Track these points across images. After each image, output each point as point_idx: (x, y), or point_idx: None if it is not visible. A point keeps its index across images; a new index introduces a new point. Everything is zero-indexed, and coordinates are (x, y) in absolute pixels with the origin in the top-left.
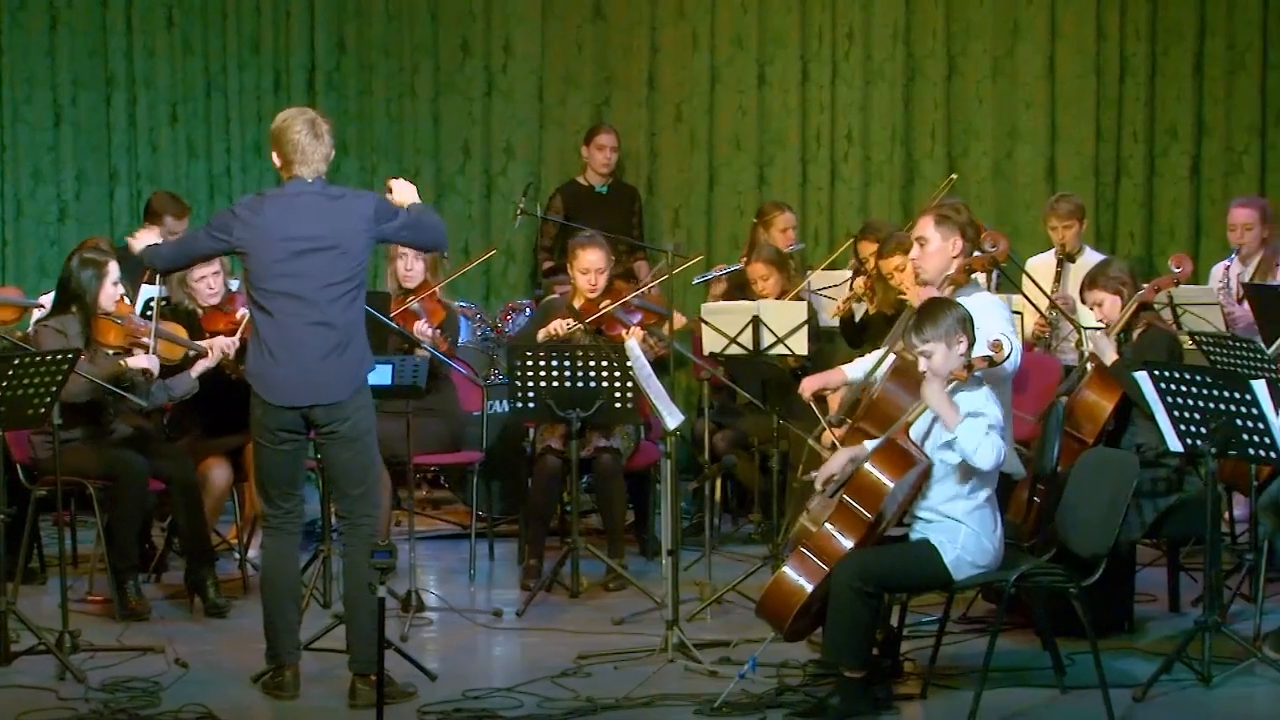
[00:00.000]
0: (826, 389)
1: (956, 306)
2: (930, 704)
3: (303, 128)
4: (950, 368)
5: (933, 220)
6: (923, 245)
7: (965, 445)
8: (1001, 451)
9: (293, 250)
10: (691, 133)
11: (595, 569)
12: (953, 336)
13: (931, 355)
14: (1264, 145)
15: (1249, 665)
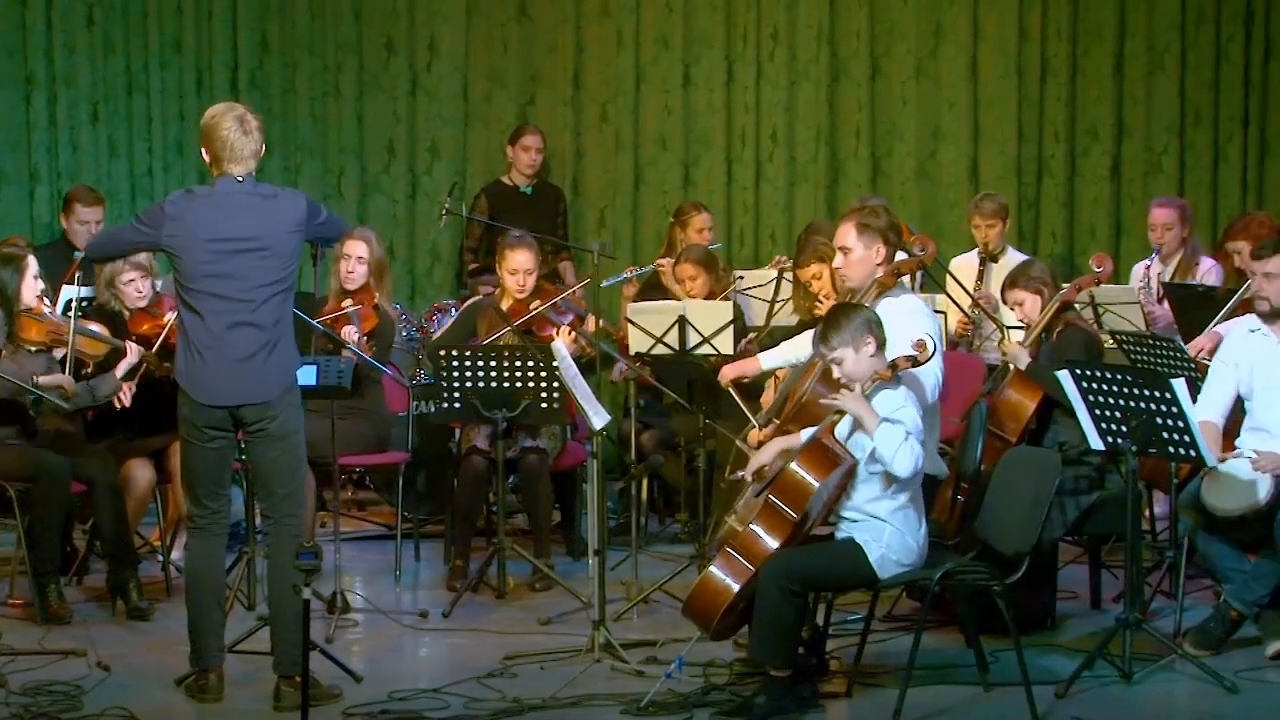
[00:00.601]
0: (744, 376)
1: (860, 310)
2: (855, 702)
3: (232, 124)
4: (862, 371)
5: (854, 229)
6: (846, 254)
7: (883, 452)
8: (919, 459)
9: (223, 250)
10: (617, 132)
11: (521, 569)
12: (859, 340)
13: (842, 362)
14: (1183, 145)
15: (1169, 662)
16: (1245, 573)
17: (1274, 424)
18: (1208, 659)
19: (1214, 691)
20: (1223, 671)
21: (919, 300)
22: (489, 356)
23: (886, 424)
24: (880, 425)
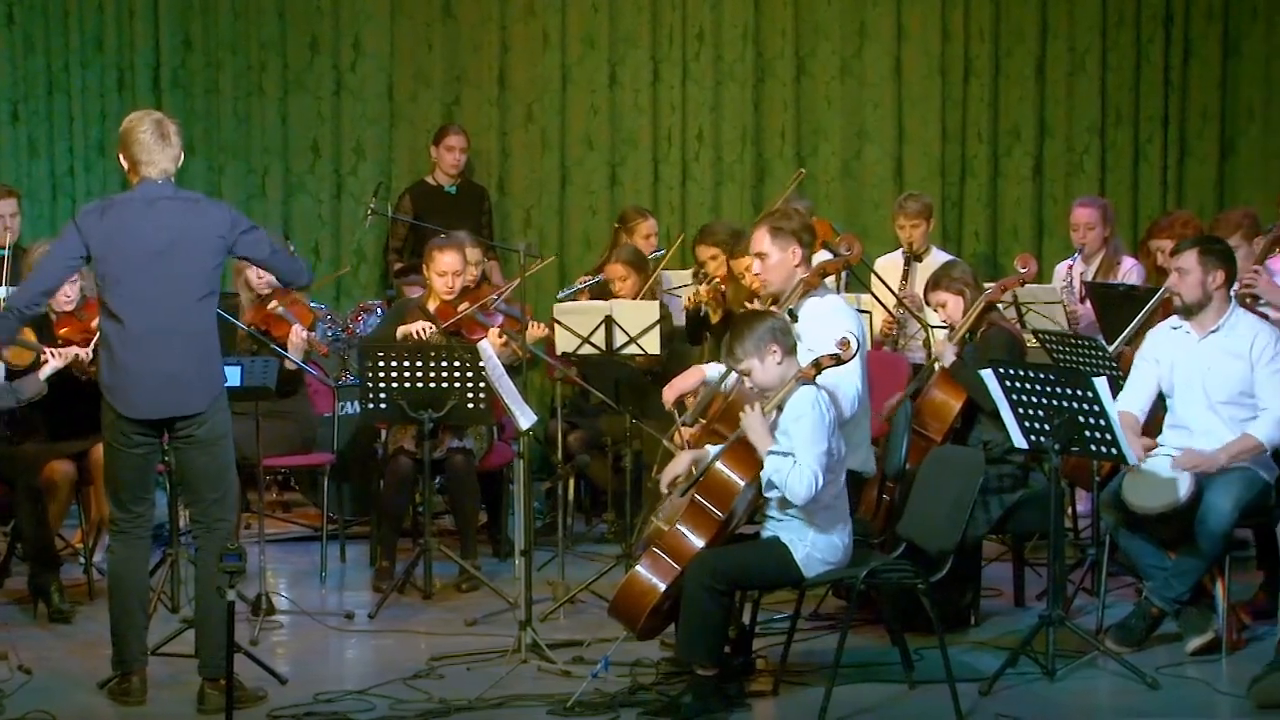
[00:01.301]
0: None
1: (764, 318)
2: (782, 700)
3: (149, 128)
4: (772, 379)
5: (768, 234)
6: (763, 260)
7: (776, 481)
8: (813, 484)
9: (145, 257)
10: (543, 132)
11: (448, 570)
12: (763, 349)
13: (750, 372)
14: (1104, 145)
15: (1091, 658)
16: (1166, 570)
17: (1194, 421)
18: (1129, 655)
19: (1135, 688)
20: (1144, 668)
21: (841, 300)
22: (415, 357)
23: (773, 456)
24: (768, 459)
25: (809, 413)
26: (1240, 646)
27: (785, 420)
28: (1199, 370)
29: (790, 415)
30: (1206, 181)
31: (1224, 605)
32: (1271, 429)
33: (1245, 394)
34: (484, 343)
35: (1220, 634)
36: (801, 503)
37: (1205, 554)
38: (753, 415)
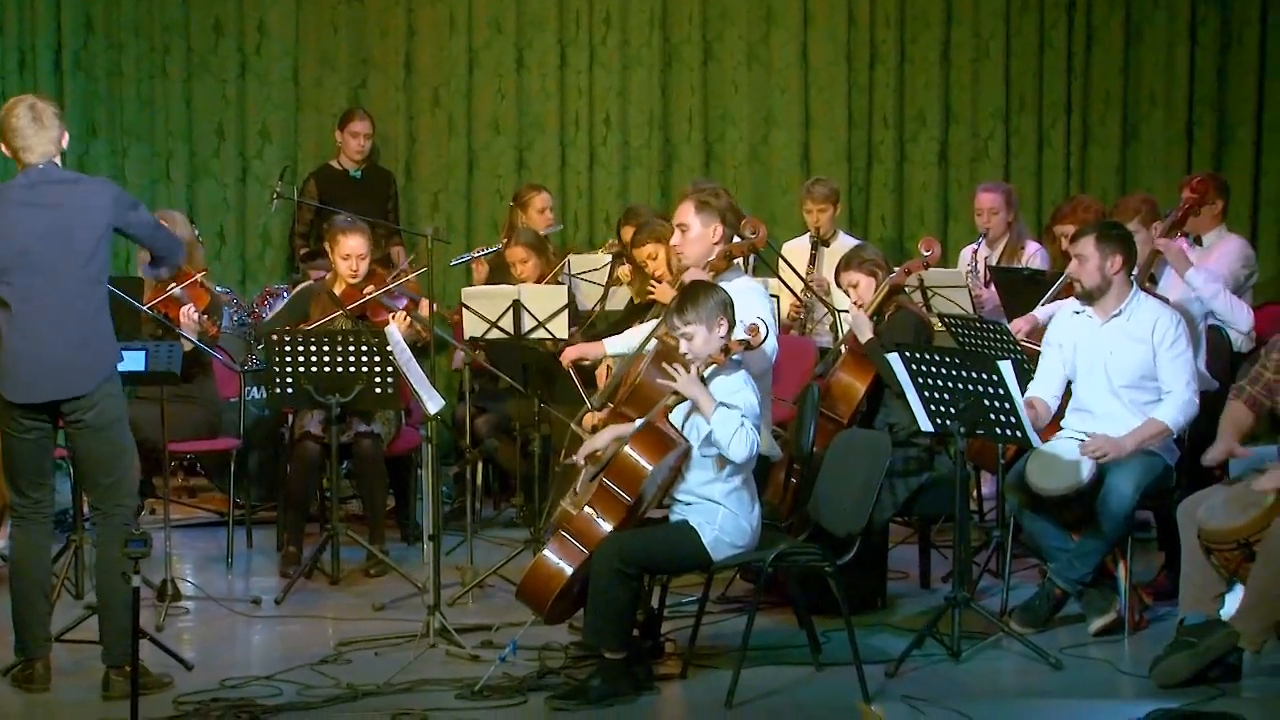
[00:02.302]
0: (585, 358)
1: (719, 290)
2: (690, 683)
3: (23, 114)
4: (709, 351)
5: (693, 207)
6: (684, 231)
7: (719, 436)
8: (755, 444)
9: (30, 241)
10: (450, 116)
11: (356, 555)
12: (714, 320)
13: (692, 338)
14: (1008, 131)
15: (996, 639)
16: (1069, 551)
17: (1096, 404)
18: (1033, 636)
19: (1039, 668)
20: (1048, 648)
21: (754, 282)
22: (322, 341)
23: (723, 408)
24: (717, 409)
25: (744, 388)
26: (1142, 627)
27: (719, 395)
28: (1101, 354)
29: (725, 392)
30: (1109, 167)
31: (1126, 586)
32: (1176, 412)
33: (1147, 378)
34: (391, 327)
35: (1122, 615)
36: (741, 460)
37: (1107, 536)
38: (689, 376)
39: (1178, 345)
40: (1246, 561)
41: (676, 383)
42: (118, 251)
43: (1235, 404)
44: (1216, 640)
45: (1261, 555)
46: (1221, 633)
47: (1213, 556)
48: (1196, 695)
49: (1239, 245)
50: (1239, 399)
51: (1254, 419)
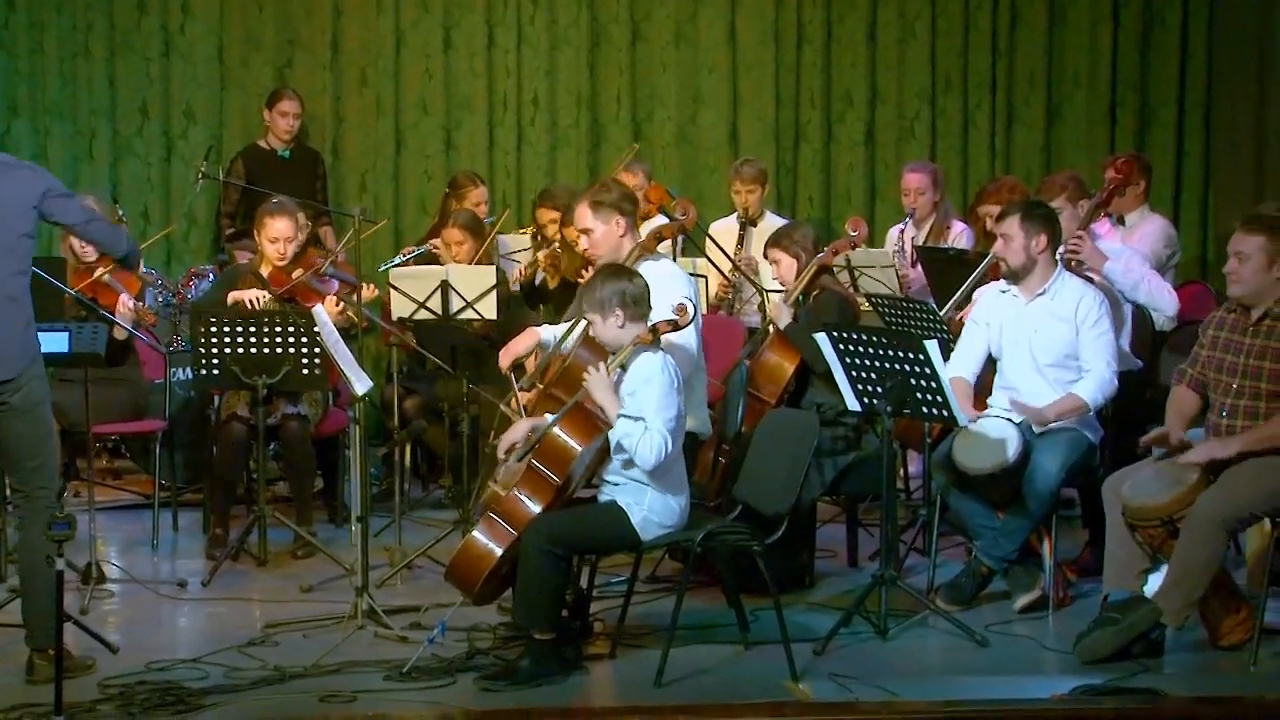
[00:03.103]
0: (521, 357)
1: (621, 280)
2: (619, 663)
3: None
4: (610, 338)
5: (589, 210)
6: (589, 235)
7: (626, 446)
8: (661, 449)
9: None
10: (377, 96)
11: (283, 537)
12: (607, 309)
13: (591, 324)
14: (934, 112)
15: (923, 617)
16: (995, 529)
17: (1021, 383)
18: (959, 614)
19: (965, 645)
20: (974, 626)
21: (674, 266)
22: (248, 322)
23: (624, 420)
24: (618, 422)
25: (659, 377)
26: (1066, 604)
27: (632, 382)
28: (1026, 333)
29: (637, 378)
30: (1033, 147)
31: (1051, 563)
32: (1096, 390)
33: (1071, 356)
34: (319, 308)
35: (1047, 592)
36: (650, 468)
37: (1033, 513)
38: (597, 377)
39: (1100, 324)
40: (1170, 538)
41: (588, 382)
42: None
43: (1180, 389)
44: (1140, 616)
45: (1185, 532)
46: (1145, 609)
47: (1137, 533)
48: (1120, 671)
49: (1161, 225)
50: (1182, 383)
51: (1200, 402)
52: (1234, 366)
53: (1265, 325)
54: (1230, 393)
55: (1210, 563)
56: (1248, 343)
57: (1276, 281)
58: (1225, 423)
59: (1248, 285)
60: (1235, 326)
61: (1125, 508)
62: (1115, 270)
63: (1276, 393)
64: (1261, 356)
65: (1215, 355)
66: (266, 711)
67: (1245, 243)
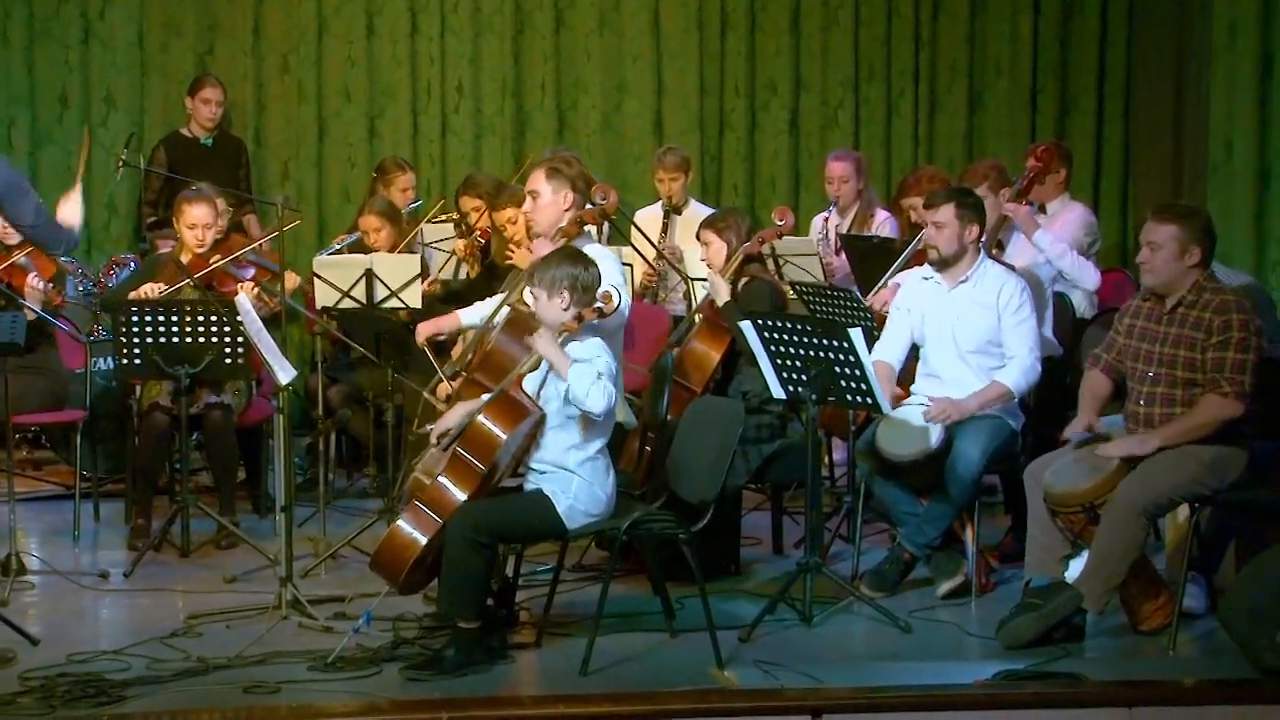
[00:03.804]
0: (441, 333)
1: (575, 265)
2: (545, 652)
3: None
4: (549, 319)
5: (544, 174)
6: (535, 199)
7: (577, 390)
8: (612, 397)
9: None
10: (299, 83)
11: (206, 527)
12: (554, 290)
13: (535, 300)
14: (857, 100)
15: (847, 604)
16: (918, 516)
17: (944, 370)
18: (883, 600)
19: (889, 631)
20: (897, 612)
21: (605, 250)
22: (170, 311)
23: (579, 364)
24: (573, 365)
25: (601, 354)
26: (989, 589)
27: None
28: (949, 320)
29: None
30: (956, 135)
31: (973, 550)
32: (1019, 376)
33: (993, 343)
34: (242, 296)
35: (970, 578)
36: (599, 412)
37: (955, 500)
38: (545, 337)
39: (1022, 311)
40: (1091, 525)
41: (534, 340)
42: None
43: (1094, 373)
44: (1061, 602)
45: (1105, 519)
46: (1066, 594)
47: (1058, 520)
48: (1041, 656)
49: (1082, 213)
50: (1097, 368)
51: (1112, 386)
52: (1150, 355)
53: (1179, 313)
54: (1147, 381)
55: (1130, 549)
56: (1163, 331)
57: (1189, 270)
58: (1144, 411)
59: (1160, 274)
60: (1151, 315)
61: (1047, 494)
62: (1045, 238)
63: (1191, 380)
64: (1176, 345)
65: (1132, 344)
66: (190, 703)
67: (1157, 232)
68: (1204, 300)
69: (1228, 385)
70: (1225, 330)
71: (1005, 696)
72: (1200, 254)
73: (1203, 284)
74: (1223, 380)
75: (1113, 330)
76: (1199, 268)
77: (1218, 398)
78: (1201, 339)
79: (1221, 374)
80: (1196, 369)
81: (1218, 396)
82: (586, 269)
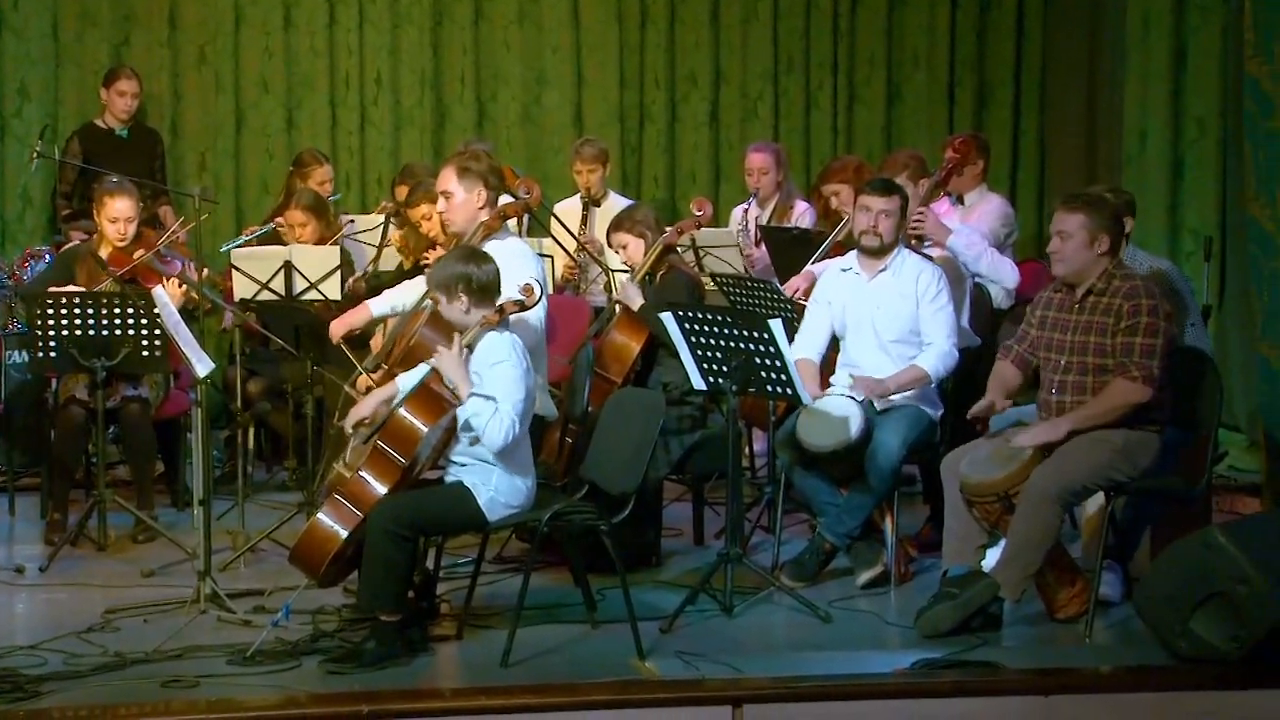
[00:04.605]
0: (354, 329)
1: (469, 263)
2: (466, 644)
3: None
4: (455, 319)
5: (454, 173)
6: (448, 199)
7: (475, 424)
8: (510, 431)
9: None
10: (216, 74)
11: (124, 521)
12: (450, 291)
13: (437, 302)
14: (776, 92)
15: (768, 594)
16: (838, 506)
17: (864, 360)
18: (804, 590)
19: (810, 621)
20: (817, 602)
21: (523, 244)
22: (86, 304)
23: (476, 399)
24: (470, 400)
25: (509, 358)
26: (908, 579)
27: (478, 363)
28: (869, 310)
29: (485, 359)
30: (875, 127)
31: (892, 539)
32: (936, 361)
33: (914, 332)
34: (159, 289)
35: (889, 567)
36: (497, 449)
37: (875, 490)
38: (448, 356)
39: (939, 299)
40: (1006, 514)
41: (439, 360)
42: None
43: (1003, 363)
44: (978, 591)
45: (1020, 508)
46: (983, 583)
47: (974, 509)
48: (959, 644)
49: (999, 204)
50: (1007, 358)
51: (1022, 378)
52: (1062, 344)
53: (1090, 301)
54: (1059, 370)
55: (1045, 537)
56: (1074, 320)
57: (1098, 258)
58: (1055, 400)
59: (1070, 263)
60: (1062, 305)
61: (963, 484)
62: (958, 243)
63: (1102, 366)
64: (1087, 332)
65: (1045, 334)
66: (107, 698)
67: (1066, 221)
68: (1113, 287)
69: (1136, 370)
70: (1134, 315)
71: (924, 685)
72: (1109, 242)
73: (1112, 272)
74: (1131, 365)
75: (1025, 322)
76: (1108, 256)
77: (1126, 382)
78: (1111, 325)
79: (1130, 359)
80: (1107, 355)
81: (1126, 381)
82: (480, 267)
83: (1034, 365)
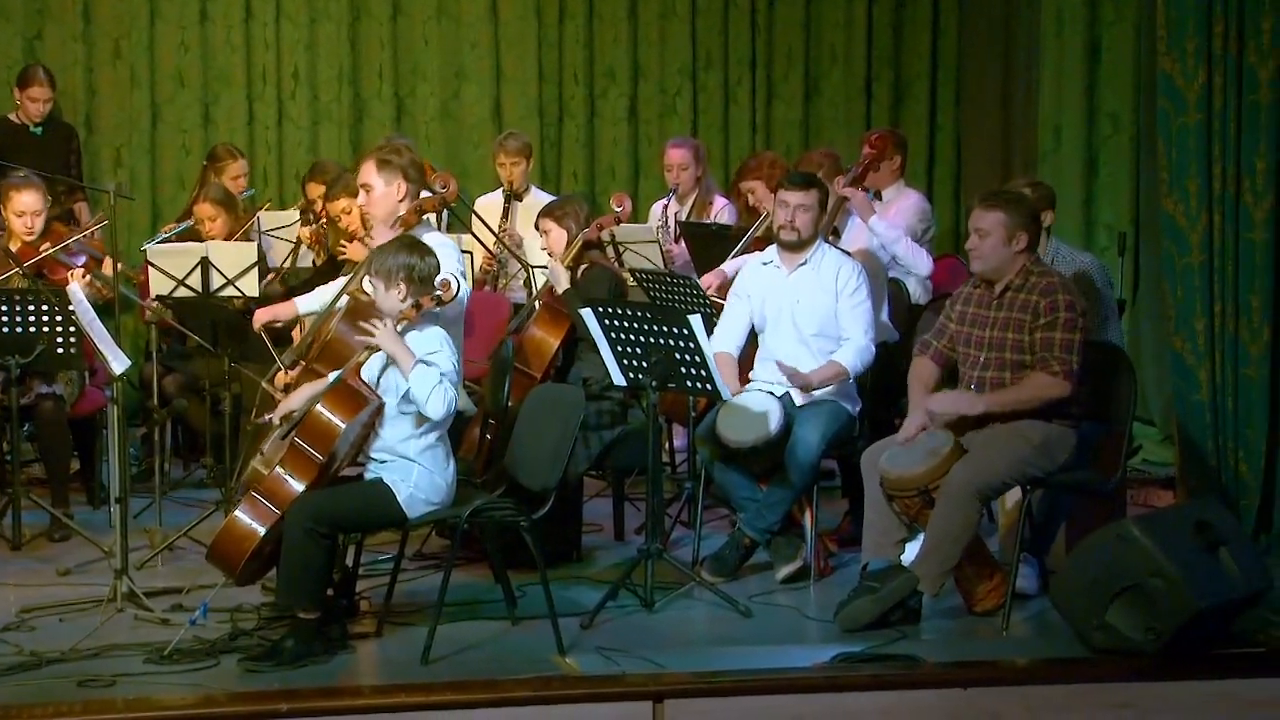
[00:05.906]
0: (278, 320)
1: (412, 256)
2: (386, 641)
3: None
4: (389, 308)
5: (374, 166)
6: (368, 192)
7: (418, 393)
8: (452, 402)
9: None
10: (131, 69)
11: (39, 519)
12: (391, 280)
13: (374, 290)
14: (695, 88)
15: (688, 589)
16: (758, 501)
17: (784, 353)
18: (724, 585)
19: (730, 616)
20: (738, 596)
21: (444, 238)
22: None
23: (421, 365)
24: (415, 366)
25: (443, 348)
26: (827, 573)
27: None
28: (788, 304)
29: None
30: (793, 122)
31: (812, 534)
32: (854, 357)
33: (833, 326)
34: (74, 285)
35: (808, 562)
36: (439, 418)
37: (794, 485)
38: (386, 331)
39: (858, 294)
40: (926, 508)
41: (376, 336)
42: None
43: (921, 360)
44: (898, 584)
45: (939, 502)
46: (902, 577)
47: (894, 503)
48: (879, 638)
49: (917, 200)
50: (925, 354)
51: (940, 373)
52: (980, 340)
53: (1008, 297)
54: (978, 365)
55: (964, 531)
56: (992, 315)
57: (1016, 255)
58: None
59: (988, 260)
60: (981, 301)
61: (883, 478)
62: (880, 224)
63: (1020, 361)
64: (1005, 328)
65: (963, 330)
66: (23, 698)
67: (984, 219)
68: (1030, 284)
69: (1057, 365)
70: (1052, 311)
71: (843, 679)
72: (1027, 239)
73: (1030, 268)
74: (1051, 359)
75: (943, 316)
76: (1026, 253)
77: (1047, 376)
78: (1029, 321)
79: (1050, 353)
80: (1025, 350)
81: (1047, 375)
82: (423, 258)
83: (953, 360)
